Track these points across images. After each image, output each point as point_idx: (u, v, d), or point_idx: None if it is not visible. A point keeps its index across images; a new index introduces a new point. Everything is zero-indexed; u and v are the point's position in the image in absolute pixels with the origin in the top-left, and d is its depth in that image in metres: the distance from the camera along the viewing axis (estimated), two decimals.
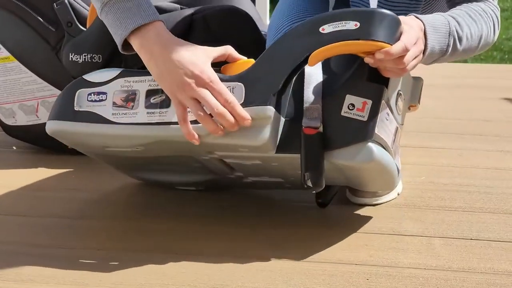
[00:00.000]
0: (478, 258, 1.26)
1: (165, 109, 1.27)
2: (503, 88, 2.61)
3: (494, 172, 1.69)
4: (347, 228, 1.38)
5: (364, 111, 1.24)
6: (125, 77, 1.31)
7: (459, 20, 1.37)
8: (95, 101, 1.31)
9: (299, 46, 1.23)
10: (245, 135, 1.23)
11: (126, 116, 1.29)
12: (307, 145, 1.23)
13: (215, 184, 1.51)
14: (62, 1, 1.76)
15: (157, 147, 1.30)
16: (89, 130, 1.31)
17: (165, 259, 1.26)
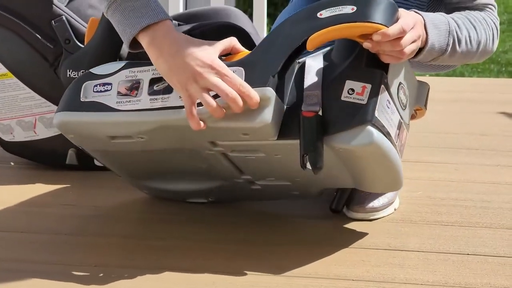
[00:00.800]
0: (475, 273, 1.26)
1: (168, 95, 1.29)
2: (500, 102, 2.61)
3: (490, 187, 1.69)
4: (343, 243, 1.38)
5: (364, 94, 1.25)
6: (130, 68, 1.34)
7: (459, 22, 1.39)
8: (100, 92, 1.34)
9: (297, 31, 1.26)
10: (246, 118, 1.24)
11: (130, 103, 1.31)
12: (305, 127, 1.23)
13: (225, 194, 1.51)
14: (60, 18, 1.77)
15: (159, 135, 1.31)
16: (94, 119, 1.33)
17: (161, 276, 1.26)
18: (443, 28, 1.35)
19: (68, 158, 1.82)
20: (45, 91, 1.80)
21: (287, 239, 1.40)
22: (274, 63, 1.26)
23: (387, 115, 1.28)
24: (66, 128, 1.38)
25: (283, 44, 1.27)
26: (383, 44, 1.22)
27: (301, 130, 1.23)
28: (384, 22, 1.22)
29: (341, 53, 1.31)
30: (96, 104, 1.33)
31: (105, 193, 1.67)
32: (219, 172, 1.41)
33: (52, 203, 1.62)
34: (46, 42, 1.77)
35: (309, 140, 1.23)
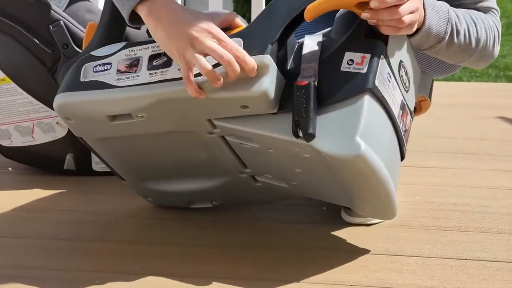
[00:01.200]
0: (473, 278, 1.26)
1: (166, 68, 1.28)
2: (498, 106, 2.62)
3: (488, 192, 1.69)
4: (341, 248, 1.38)
5: (363, 64, 1.24)
6: (130, 47, 1.35)
7: (459, 15, 1.39)
8: (100, 71, 1.34)
9: (294, 1, 1.27)
10: (244, 86, 1.23)
11: (129, 79, 1.31)
12: (298, 94, 1.22)
13: (229, 194, 1.51)
14: (58, 23, 1.77)
15: (159, 112, 1.30)
16: (93, 97, 1.32)
17: (159, 282, 1.26)
18: (442, 14, 1.35)
19: (66, 164, 1.82)
20: (43, 96, 1.80)
21: (285, 244, 1.40)
22: (272, 32, 1.26)
23: (389, 89, 1.27)
24: (66, 110, 1.36)
25: (281, 13, 1.27)
26: (380, 13, 1.22)
27: (294, 98, 1.22)
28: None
29: (339, 30, 1.31)
30: (96, 82, 1.33)
31: (102, 198, 1.67)
32: (222, 164, 1.41)
33: (50, 209, 1.62)
34: (44, 47, 1.77)
35: (301, 107, 1.21)
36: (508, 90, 3.20)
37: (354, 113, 1.21)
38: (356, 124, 1.21)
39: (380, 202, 1.32)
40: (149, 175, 1.49)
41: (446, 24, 1.35)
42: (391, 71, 1.29)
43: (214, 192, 1.51)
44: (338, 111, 1.22)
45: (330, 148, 1.20)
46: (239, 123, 1.28)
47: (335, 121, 1.22)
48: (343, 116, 1.22)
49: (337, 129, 1.21)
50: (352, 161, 1.20)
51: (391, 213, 1.35)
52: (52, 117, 1.80)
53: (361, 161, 1.20)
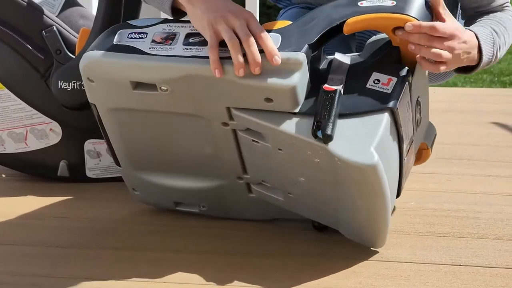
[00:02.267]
0: (467, 284, 1.26)
1: (202, 47, 1.31)
2: (492, 112, 2.62)
3: (482, 197, 1.69)
4: (335, 255, 1.38)
5: (389, 85, 1.28)
6: (169, 23, 1.37)
7: (497, 30, 1.43)
8: (135, 38, 1.36)
9: (337, 13, 1.31)
10: (275, 77, 1.26)
11: (162, 49, 1.33)
12: (324, 98, 1.26)
13: (219, 201, 1.51)
14: (51, 28, 1.76)
15: (183, 89, 1.32)
16: (123, 60, 1.34)
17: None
18: (490, 41, 1.39)
19: (59, 170, 1.82)
20: (36, 103, 1.80)
21: (279, 251, 1.40)
22: (311, 35, 1.29)
23: (405, 117, 1.31)
24: (92, 69, 1.37)
25: (322, 21, 1.31)
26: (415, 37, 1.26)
27: (319, 101, 1.26)
28: (420, 18, 1.28)
29: (369, 54, 1.36)
30: (129, 47, 1.35)
31: (96, 205, 1.67)
32: (223, 164, 1.41)
33: (44, 215, 1.61)
34: (37, 52, 1.77)
35: (324, 110, 1.24)
36: (502, 95, 3.20)
37: (373, 126, 1.24)
38: (373, 136, 1.23)
39: (374, 225, 1.33)
40: (146, 164, 1.49)
41: (493, 48, 1.40)
42: (410, 101, 1.33)
43: (205, 195, 1.51)
44: (358, 122, 1.25)
45: (345, 153, 1.22)
46: (258, 116, 1.30)
47: (354, 130, 1.24)
48: (362, 127, 1.25)
49: (354, 137, 1.24)
50: (364, 170, 1.22)
51: (382, 240, 1.37)
52: (46, 123, 1.80)
53: (372, 172, 1.22)
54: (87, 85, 1.40)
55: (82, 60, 1.37)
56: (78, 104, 1.75)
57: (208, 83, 1.29)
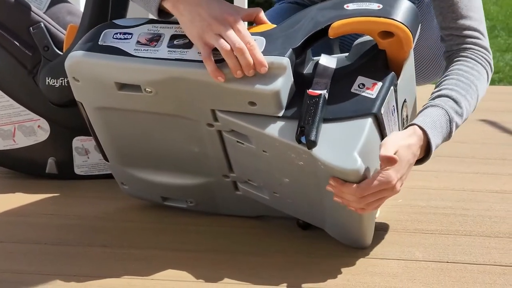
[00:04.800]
0: (454, 281, 1.26)
1: (186, 50, 1.31)
2: (479, 109, 2.60)
3: (470, 194, 1.70)
4: (323, 252, 1.38)
5: (374, 90, 1.28)
6: (154, 23, 1.37)
7: (456, 96, 1.39)
8: (120, 39, 1.36)
9: (322, 16, 1.30)
10: (258, 82, 1.26)
11: (147, 51, 1.33)
12: (308, 103, 1.25)
13: (206, 197, 1.51)
14: (39, 25, 1.76)
15: (168, 91, 1.32)
16: (108, 61, 1.34)
17: (141, 285, 1.26)
18: (443, 124, 1.36)
19: (48, 167, 1.81)
20: (24, 99, 1.79)
21: (267, 248, 1.40)
22: (296, 38, 1.29)
23: (390, 121, 1.30)
24: (77, 70, 1.38)
25: (307, 24, 1.30)
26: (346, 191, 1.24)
27: (303, 105, 1.25)
28: (406, 24, 1.27)
29: (355, 56, 1.35)
30: (114, 48, 1.35)
31: (85, 202, 1.66)
32: (210, 162, 1.41)
33: (32, 213, 1.61)
34: (25, 49, 1.76)
35: (308, 115, 1.24)
36: (491, 93, 3.20)
37: (356, 131, 1.24)
38: (356, 141, 1.23)
39: (358, 226, 1.33)
40: (134, 160, 1.49)
41: (448, 126, 1.37)
42: (396, 105, 1.32)
43: (192, 191, 1.51)
44: (342, 127, 1.25)
45: (328, 158, 1.23)
46: (242, 119, 1.30)
47: (337, 135, 1.24)
48: (345, 132, 1.24)
49: (337, 142, 1.24)
50: (347, 175, 1.22)
51: (366, 240, 1.38)
52: (34, 120, 1.79)
53: (355, 176, 1.22)
54: (73, 84, 1.40)
55: (67, 59, 1.37)
56: (66, 101, 1.74)
57: (192, 85, 1.30)
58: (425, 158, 1.36)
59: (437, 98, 1.39)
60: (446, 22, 1.48)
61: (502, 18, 6.15)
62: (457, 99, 1.39)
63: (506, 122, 2.42)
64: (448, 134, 1.38)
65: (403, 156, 1.26)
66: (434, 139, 1.33)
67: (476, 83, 1.44)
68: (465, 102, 1.40)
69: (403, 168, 1.26)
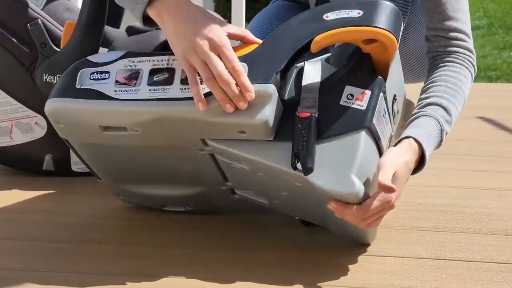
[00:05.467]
0: (451, 278, 1.26)
1: (168, 86, 1.27)
2: (477, 107, 2.63)
3: (467, 192, 1.70)
4: (320, 250, 1.38)
5: (363, 101, 1.25)
6: (130, 57, 1.33)
7: (446, 104, 1.39)
8: (97, 79, 1.31)
9: (303, 31, 1.26)
10: (245, 113, 1.23)
11: (128, 92, 1.29)
12: (299, 126, 1.23)
13: (204, 202, 1.50)
14: (36, 21, 1.75)
15: (155, 129, 1.29)
16: (89, 106, 1.30)
17: (138, 283, 1.25)
18: (435, 134, 1.35)
19: (44, 164, 1.81)
20: (21, 96, 1.79)
21: (264, 246, 1.40)
22: (278, 61, 1.25)
23: (382, 124, 1.29)
24: (58, 115, 1.34)
25: (288, 43, 1.27)
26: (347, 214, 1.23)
27: (295, 129, 1.23)
28: (389, 28, 1.24)
29: (340, 59, 1.32)
30: (93, 91, 1.30)
31: (82, 199, 1.66)
32: (204, 176, 1.40)
33: (29, 210, 1.61)
34: (22, 46, 1.76)
35: (301, 140, 1.22)
36: (489, 90, 3.21)
37: (350, 149, 1.23)
38: (352, 161, 1.22)
39: (361, 229, 1.33)
40: (127, 179, 1.48)
41: (440, 135, 1.37)
42: (386, 107, 1.31)
43: (189, 200, 1.51)
44: (335, 146, 1.23)
45: (325, 183, 1.22)
46: (233, 146, 1.28)
47: (332, 156, 1.23)
48: (340, 152, 1.23)
49: (333, 164, 1.22)
50: (346, 198, 1.22)
51: (371, 237, 1.39)
52: (31, 117, 1.79)
53: (355, 198, 1.22)
54: (55, 125, 1.37)
55: (46, 105, 1.34)
56: None
57: (179, 122, 1.27)
58: (417, 169, 1.35)
59: (427, 107, 1.38)
60: (433, 22, 1.47)
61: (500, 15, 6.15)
62: (447, 107, 1.39)
63: (504, 120, 2.43)
64: (439, 143, 1.38)
65: (401, 175, 1.26)
66: (428, 150, 1.33)
67: (463, 88, 1.44)
68: (454, 109, 1.40)
69: (401, 186, 1.26)
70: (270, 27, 1.71)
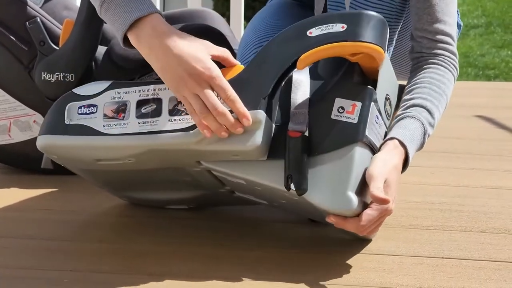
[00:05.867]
0: (449, 277, 1.27)
1: (156, 118, 1.27)
2: (475, 105, 2.63)
3: (465, 190, 1.70)
4: (318, 248, 1.38)
5: (354, 113, 1.24)
6: (115, 89, 1.32)
7: (430, 107, 1.39)
8: (85, 114, 1.32)
9: (287, 50, 1.25)
10: (237, 140, 1.24)
11: (117, 127, 1.29)
12: (291, 147, 1.23)
13: (206, 201, 1.51)
14: (35, 20, 1.75)
15: (148, 157, 1.30)
16: (80, 143, 1.31)
17: (137, 280, 1.25)
18: (419, 136, 1.35)
19: (43, 162, 1.81)
20: (20, 94, 1.79)
21: (262, 244, 1.40)
22: (265, 85, 1.25)
23: (376, 130, 1.28)
24: (50, 151, 1.36)
25: (273, 64, 1.25)
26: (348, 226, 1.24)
27: (286, 150, 1.23)
28: (374, 41, 1.23)
29: (329, 68, 1.31)
30: (82, 127, 1.31)
31: (80, 197, 1.66)
32: (203, 183, 1.41)
33: (27, 208, 1.61)
34: (21, 44, 1.76)
35: (294, 161, 1.22)
36: (487, 89, 3.21)
37: (345, 165, 1.23)
38: (347, 177, 1.22)
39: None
40: (127, 189, 1.50)
41: (422, 137, 1.36)
42: (379, 112, 1.30)
43: (191, 201, 1.52)
44: (330, 163, 1.23)
45: (322, 202, 1.22)
46: (227, 167, 1.29)
47: (327, 174, 1.23)
48: (334, 168, 1.23)
49: (329, 182, 1.22)
50: (344, 214, 1.23)
51: (373, 235, 1.39)
52: (29, 115, 1.79)
53: (353, 214, 1.22)
54: (51, 157, 1.39)
55: (38, 140, 1.36)
56: None
57: (171, 152, 1.28)
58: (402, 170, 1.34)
59: (412, 108, 1.38)
60: (421, 23, 1.47)
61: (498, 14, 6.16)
62: (431, 110, 1.39)
63: (502, 118, 2.43)
64: (421, 145, 1.38)
65: (393, 181, 1.25)
66: (412, 152, 1.33)
67: (446, 92, 1.44)
68: (437, 113, 1.40)
69: (394, 190, 1.26)
70: (270, 27, 1.71)
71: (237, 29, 3.03)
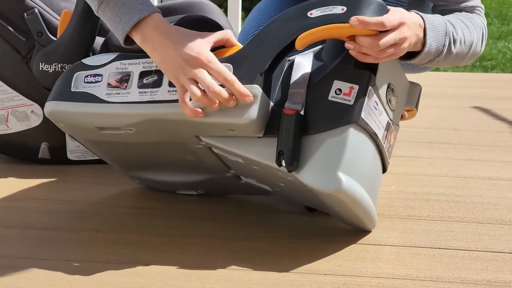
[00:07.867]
0: (446, 267, 1.27)
1: (156, 89, 1.30)
2: (473, 96, 2.63)
3: (463, 181, 1.70)
4: (315, 238, 1.38)
5: (351, 95, 1.25)
6: (121, 60, 1.36)
7: (454, 23, 1.39)
8: (91, 82, 1.36)
9: (286, 29, 1.27)
10: (233, 114, 1.25)
11: (119, 95, 1.33)
12: (284, 124, 1.23)
13: (215, 186, 1.52)
14: (33, 10, 1.75)
15: (147, 128, 1.33)
16: (83, 109, 1.35)
17: (134, 270, 1.26)
18: (441, 29, 1.35)
19: (40, 152, 1.81)
20: (18, 85, 1.79)
21: (260, 234, 1.41)
22: (262, 61, 1.26)
23: (375, 116, 1.29)
24: (56, 117, 1.40)
25: (272, 42, 1.27)
26: (363, 41, 1.22)
27: (280, 127, 1.24)
28: None
29: (331, 52, 1.32)
30: (86, 94, 1.35)
31: (78, 187, 1.66)
32: (208, 165, 1.42)
33: (24, 197, 1.61)
34: (19, 35, 1.76)
35: (286, 138, 1.23)
36: (484, 80, 3.21)
37: (337, 146, 1.23)
38: (338, 158, 1.23)
39: (359, 219, 1.34)
40: (138, 167, 1.52)
41: (444, 38, 1.35)
42: (378, 99, 1.30)
43: (199, 185, 1.53)
44: (323, 142, 1.24)
45: (312, 181, 1.23)
46: (225, 143, 1.30)
47: (319, 154, 1.23)
48: (326, 149, 1.23)
49: (320, 162, 1.23)
50: (333, 195, 1.23)
51: (371, 225, 1.39)
52: (27, 105, 1.79)
53: (342, 195, 1.23)
54: (58, 125, 1.43)
55: (46, 107, 1.39)
56: None
57: (169, 123, 1.30)
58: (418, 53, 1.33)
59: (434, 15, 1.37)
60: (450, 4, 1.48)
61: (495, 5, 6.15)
62: (455, 26, 1.38)
63: (499, 109, 2.43)
64: (442, 45, 1.35)
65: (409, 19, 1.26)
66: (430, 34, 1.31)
67: (473, 29, 1.43)
68: (461, 33, 1.39)
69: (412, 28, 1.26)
70: (270, 17, 1.71)
71: (234, 20, 3.02)
